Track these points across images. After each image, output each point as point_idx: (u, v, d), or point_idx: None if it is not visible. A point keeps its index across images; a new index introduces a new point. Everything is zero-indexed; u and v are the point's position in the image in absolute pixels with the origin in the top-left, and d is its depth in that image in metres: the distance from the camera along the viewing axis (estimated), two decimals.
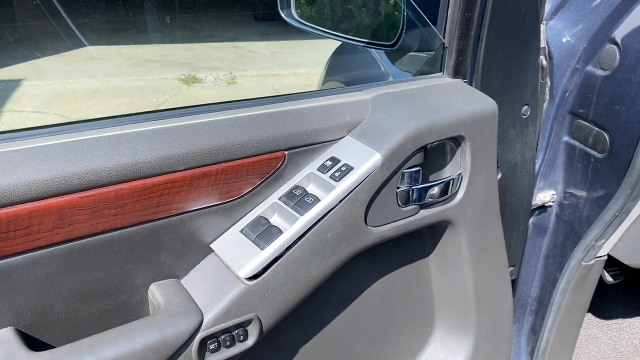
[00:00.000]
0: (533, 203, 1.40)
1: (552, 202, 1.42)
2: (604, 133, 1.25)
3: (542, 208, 1.44)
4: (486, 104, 1.03)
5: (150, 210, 0.77)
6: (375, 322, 1.12)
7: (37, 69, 5.35)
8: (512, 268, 1.35)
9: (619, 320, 1.93)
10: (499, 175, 1.21)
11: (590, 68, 1.27)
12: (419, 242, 1.11)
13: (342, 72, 1.95)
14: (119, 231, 0.76)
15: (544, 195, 1.41)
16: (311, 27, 1.27)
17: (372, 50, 1.64)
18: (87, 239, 0.74)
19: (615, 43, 1.21)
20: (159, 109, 0.86)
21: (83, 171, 0.71)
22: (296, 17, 1.29)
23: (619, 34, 1.20)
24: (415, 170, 0.96)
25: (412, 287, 1.15)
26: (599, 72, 1.24)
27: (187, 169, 0.79)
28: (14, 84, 4.91)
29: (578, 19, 1.27)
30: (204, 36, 6.50)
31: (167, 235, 0.81)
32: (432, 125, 0.94)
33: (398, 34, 1.14)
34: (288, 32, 6.85)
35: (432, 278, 1.16)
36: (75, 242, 0.73)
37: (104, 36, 6.68)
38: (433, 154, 1.01)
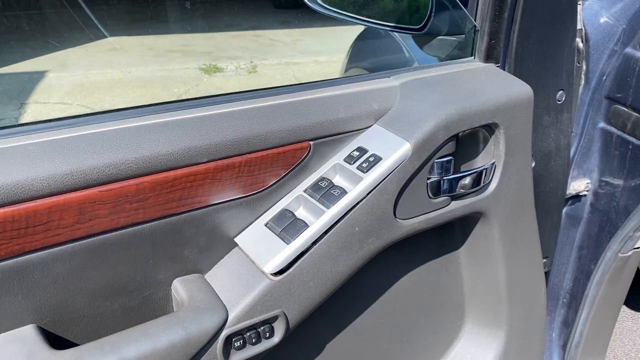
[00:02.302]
0: (567, 192, 1.35)
1: (587, 191, 1.36)
2: None
3: (576, 197, 1.38)
4: (521, 90, 0.98)
5: (172, 204, 0.75)
6: (403, 317, 1.09)
7: (60, 60, 5.39)
8: (545, 260, 1.30)
9: None
10: (533, 164, 1.16)
11: (629, 50, 1.20)
12: (449, 234, 1.07)
13: (365, 58, 1.90)
14: (141, 226, 0.74)
15: (579, 184, 1.36)
16: (336, 12, 1.23)
17: (397, 35, 1.59)
18: (108, 234, 0.72)
19: None
20: (179, 99, 0.83)
21: (103, 164, 0.69)
22: (320, 2, 1.25)
23: None
24: (447, 160, 0.91)
25: (441, 280, 1.11)
26: (639, 55, 1.18)
27: (210, 161, 0.76)
28: (38, 75, 4.96)
29: None
30: (224, 25, 6.47)
31: (190, 230, 0.78)
32: (465, 113, 0.90)
33: (427, 17, 1.09)
34: (308, 19, 6.79)
35: (463, 271, 1.12)
36: (96, 238, 0.71)
37: (125, 27, 6.71)
38: (465, 142, 0.97)
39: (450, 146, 0.91)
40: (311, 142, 0.84)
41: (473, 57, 1.06)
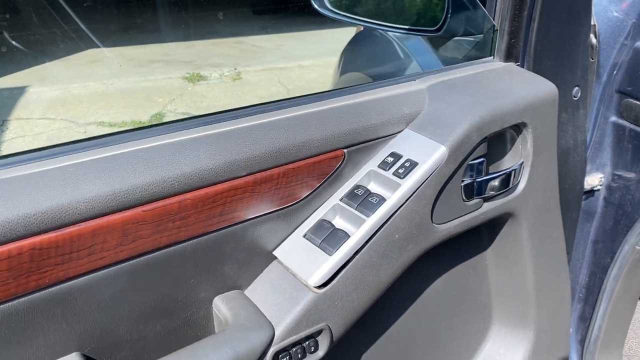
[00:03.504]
0: None
1: (600, 185, 1.37)
2: None
3: (590, 192, 1.39)
4: (547, 88, 0.97)
5: (213, 220, 0.73)
6: (434, 322, 1.08)
7: (39, 75, 5.29)
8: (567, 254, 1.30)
9: None
10: None
11: (639, 44, 1.21)
12: (478, 236, 1.06)
13: (363, 63, 1.89)
14: (183, 244, 0.71)
15: (592, 179, 1.36)
16: (347, 16, 1.22)
17: (395, 37, 1.58)
18: (151, 255, 0.69)
19: None
20: (213, 112, 0.81)
21: (145, 183, 0.66)
22: (329, 6, 1.24)
23: None
24: (479, 162, 0.91)
25: (470, 283, 1.10)
26: None
27: (249, 174, 0.74)
28: (18, 91, 4.86)
29: None
30: (204, 33, 6.42)
31: (229, 245, 0.76)
32: (496, 113, 0.89)
33: (443, 18, 1.08)
34: (289, 24, 6.78)
35: (490, 273, 1.12)
36: (139, 259, 0.68)
37: (104, 38, 6.61)
38: (493, 143, 0.96)
39: (483, 147, 0.90)
40: (345, 150, 0.82)
41: (492, 57, 1.06)
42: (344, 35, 2.01)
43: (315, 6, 1.24)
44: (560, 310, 1.20)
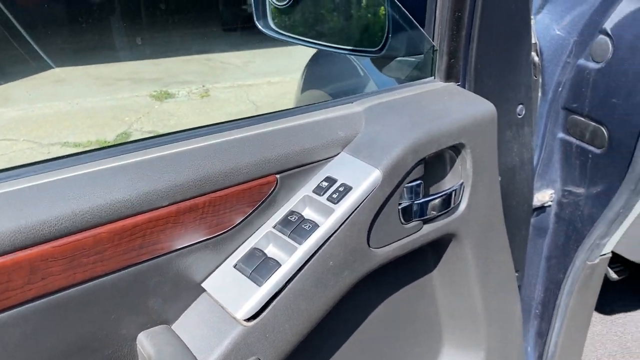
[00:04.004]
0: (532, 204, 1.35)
1: (551, 201, 1.37)
2: (602, 128, 1.21)
3: (541, 208, 1.39)
4: (485, 108, 0.97)
5: (133, 253, 0.70)
6: (380, 347, 1.05)
7: (2, 94, 5.18)
8: (516, 274, 1.29)
9: (622, 315, 1.90)
10: (499, 179, 1.15)
11: (582, 61, 1.23)
12: (421, 259, 1.04)
13: (322, 82, 1.88)
14: (101, 279, 0.68)
15: (542, 195, 1.36)
16: (290, 36, 1.20)
17: (353, 57, 1.57)
18: (65, 292, 0.66)
19: (607, 34, 1.16)
20: (134, 140, 0.78)
21: (55, 217, 0.63)
22: (274, 27, 1.22)
23: (609, 24, 1.16)
24: (417, 184, 0.89)
25: (416, 306, 1.08)
26: (592, 65, 1.20)
27: (171, 204, 0.71)
28: None
29: (566, 11, 1.22)
30: (173, 50, 6.38)
31: (154, 278, 0.73)
32: (432, 135, 0.88)
33: (384, 38, 1.08)
34: (258, 41, 6.77)
35: (438, 294, 1.10)
36: (51, 297, 0.65)
37: (70, 57, 6.53)
38: (432, 164, 0.95)
39: (420, 169, 0.89)
40: (278, 176, 0.80)
41: (433, 77, 1.05)
42: (312, 51, 2.00)
43: (259, 26, 1.22)
44: (511, 329, 1.19)
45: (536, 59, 1.19)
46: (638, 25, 1.10)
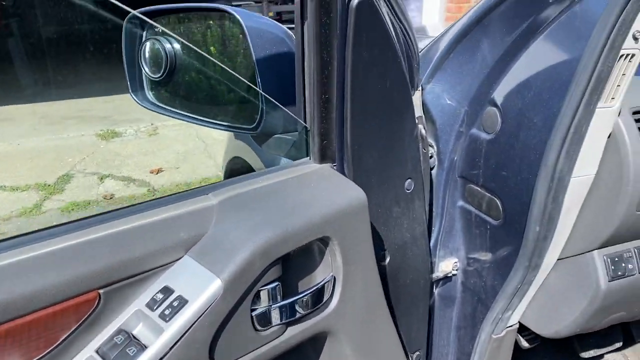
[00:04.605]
0: (435, 274, 1.30)
1: (456, 270, 1.32)
2: (496, 199, 1.17)
3: (447, 277, 1.34)
4: (353, 195, 0.91)
5: None
6: None
7: None
8: (417, 353, 1.23)
9: None
10: (387, 259, 1.09)
11: (474, 131, 1.19)
12: (301, 356, 0.97)
13: (240, 149, 1.81)
14: None
15: (446, 265, 1.31)
16: (168, 109, 1.14)
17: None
18: None
19: (496, 105, 1.13)
20: None
21: None
22: (151, 99, 1.16)
23: (497, 95, 1.13)
24: (273, 287, 0.82)
25: None
26: (484, 135, 1.16)
27: None
28: None
29: (456, 81, 1.19)
30: (124, 87, 6.26)
31: None
32: (288, 233, 0.81)
33: (259, 116, 1.02)
34: None
35: None
36: None
37: (17, 94, 6.36)
38: (299, 257, 0.88)
39: (276, 270, 0.82)
40: (101, 291, 0.72)
41: (309, 157, 1.00)
42: None
43: (135, 98, 1.15)
44: None
45: (424, 132, 1.14)
46: (523, 98, 1.07)
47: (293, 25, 0.92)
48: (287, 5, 7.14)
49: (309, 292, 0.87)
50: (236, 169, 1.99)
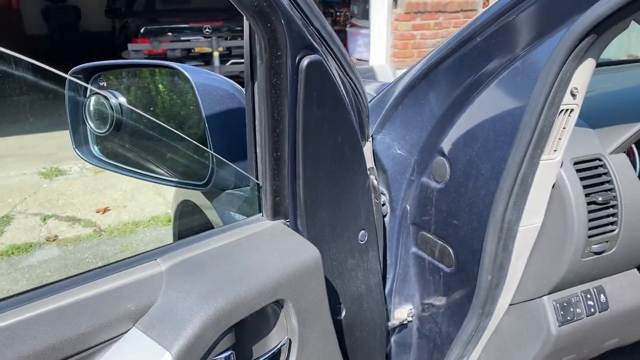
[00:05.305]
0: (391, 322, 1.30)
1: (411, 317, 1.33)
2: (448, 247, 1.18)
3: (403, 325, 1.34)
4: (307, 255, 0.90)
5: None
6: None
7: None
8: None
9: None
10: (343, 313, 1.08)
11: (425, 179, 1.21)
12: None
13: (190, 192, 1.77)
14: None
15: (402, 312, 1.31)
16: (115, 165, 1.11)
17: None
18: None
19: (444, 155, 1.15)
20: None
21: None
22: (96, 154, 1.12)
23: (445, 146, 1.15)
24: (227, 356, 0.79)
25: None
26: (434, 184, 1.18)
27: None
28: None
29: (405, 132, 1.21)
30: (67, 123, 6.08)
31: None
32: (240, 300, 0.79)
33: (209, 173, 1.00)
34: None
35: None
36: None
37: None
38: (252, 321, 0.86)
39: (229, 339, 0.80)
40: None
41: (262, 214, 0.98)
42: None
43: (79, 153, 1.11)
44: None
45: (375, 182, 1.15)
46: (470, 149, 1.09)
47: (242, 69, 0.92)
48: (237, 40, 7.16)
49: (263, 358, 0.85)
50: (187, 212, 1.94)
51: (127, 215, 4.21)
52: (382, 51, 6.19)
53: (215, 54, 6.83)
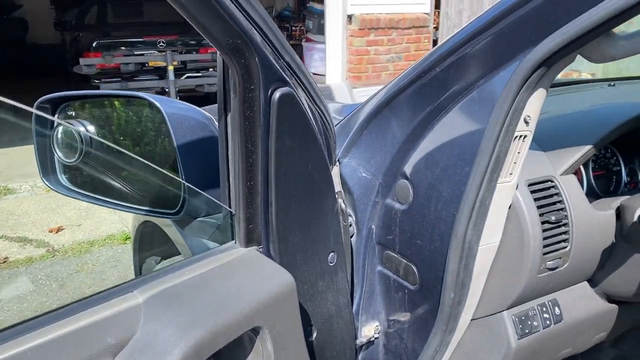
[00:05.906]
0: (359, 340, 1.33)
1: (378, 334, 1.37)
2: (412, 265, 1.23)
3: (370, 342, 1.38)
4: (281, 281, 0.93)
5: None
6: None
7: None
8: None
9: None
10: (315, 335, 1.11)
11: (389, 201, 1.26)
12: None
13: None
14: None
15: (368, 330, 1.35)
16: (84, 194, 1.10)
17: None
18: None
19: (407, 178, 1.21)
20: None
21: None
22: (65, 183, 1.11)
23: (408, 169, 1.20)
24: None
25: None
26: (398, 206, 1.23)
27: None
28: None
29: (370, 156, 1.26)
30: (18, 139, 5.88)
31: None
32: (218, 330, 0.81)
33: (181, 201, 1.02)
34: None
35: None
36: None
37: None
38: (229, 348, 0.88)
39: None
40: None
41: (234, 241, 1.00)
42: None
43: (46, 183, 1.11)
44: None
45: (343, 206, 1.19)
46: (432, 173, 1.15)
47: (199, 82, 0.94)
48: (192, 54, 7.12)
49: None
50: (148, 233, 1.93)
51: (82, 234, 4.12)
52: (338, 66, 6.29)
53: (170, 68, 6.77)
